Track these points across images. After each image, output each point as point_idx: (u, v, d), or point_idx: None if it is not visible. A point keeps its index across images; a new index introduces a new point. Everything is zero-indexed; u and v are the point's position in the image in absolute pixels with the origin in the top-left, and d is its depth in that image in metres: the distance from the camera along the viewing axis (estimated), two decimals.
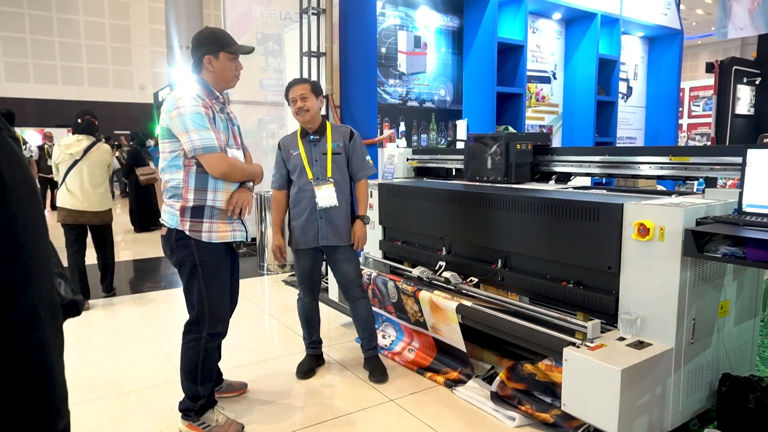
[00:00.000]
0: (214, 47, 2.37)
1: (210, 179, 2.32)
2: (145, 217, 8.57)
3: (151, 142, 10.99)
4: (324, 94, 3.02)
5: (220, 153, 2.28)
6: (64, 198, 4.33)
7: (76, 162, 4.34)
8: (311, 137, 2.96)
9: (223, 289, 2.45)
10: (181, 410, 2.47)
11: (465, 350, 3.01)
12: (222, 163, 2.29)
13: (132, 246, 7.52)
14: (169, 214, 2.36)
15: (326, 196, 2.88)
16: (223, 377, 2.87)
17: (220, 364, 2.70)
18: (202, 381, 2.43)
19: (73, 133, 4.48)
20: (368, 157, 3.06)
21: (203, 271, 2.35)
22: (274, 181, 3.07)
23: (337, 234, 2.94)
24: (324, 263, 3.35)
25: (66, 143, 4.44)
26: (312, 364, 3.15)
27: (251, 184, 2.51)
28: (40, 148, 10.01)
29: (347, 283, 3.03)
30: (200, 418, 2.45)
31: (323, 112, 3.56)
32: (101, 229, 4.57)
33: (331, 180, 2.90)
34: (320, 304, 3.24)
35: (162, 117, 2.33)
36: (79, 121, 4.47)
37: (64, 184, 4.34)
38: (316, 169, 2.92)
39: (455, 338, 3.01)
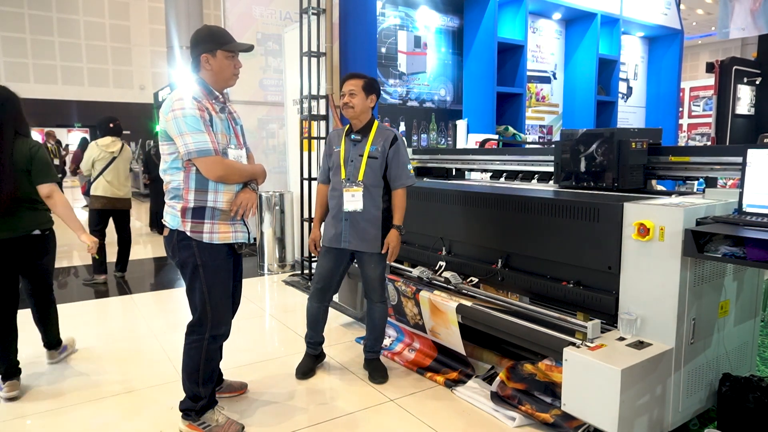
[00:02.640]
0: (212, 45, 2.35)
1: (210, 180, 2.31)
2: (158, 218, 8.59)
3: None
4: (378, 93, 2.95)
5: (215, 156, 2.25)
6: (104, 188, 5.15)
7: (113, 159, 5.19)
8: (353, 136, 2.92)
9: (226, 290, 2.44)
10: (181, 410, 2.48)
11: (464, 353, 3.01)
12: (217, 166, 2.26)
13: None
14: (171, 215, 2.34)
15: (352, 199, 2.84)
16: (224, 377, 2.87)
17: (220, 364, 2.70)
18: (204, 382, 2.42)
19: (103, 136, 5.29)
20: (409, 166, 2.95)
21: (205, 272, 2.34)
22: (319, 174, 3.10)
23: (363, 239, 2.88)
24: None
25: (104, 144, 5.22)
26: (311, 364, 3.14)
27: (255, 185, 2.49)
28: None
29: (369, 286, 3.01)
30: (200, 418, 2.45)
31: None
32: (124, 214, 5.43)
33: (361, 184, 2.84)
34: None
35: (160, 119, 2.33)
36: (111, 125, 5.32)
37: (102, 176, 5.14)
38: (349, 170, 2.88)
39: (454, 341, 3.01)
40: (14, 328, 2.90)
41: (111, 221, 5.34)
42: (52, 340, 3.27)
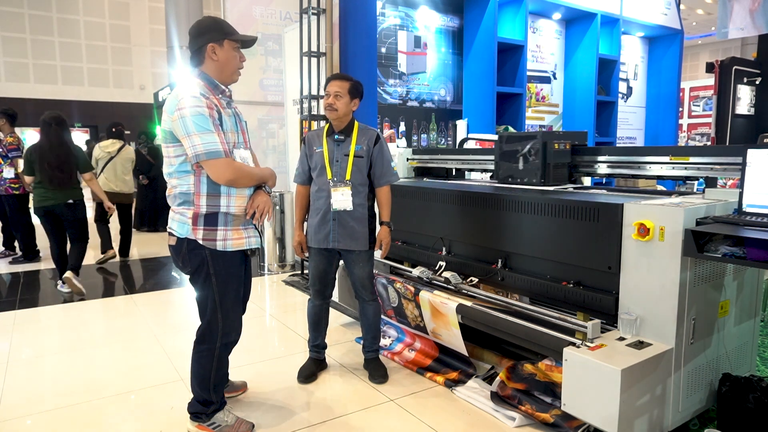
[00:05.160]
0: (219, 35, 2.20)
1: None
2: (144, 217, 8.57)
3: None
4: (361, 96, 2.97)
5: (225, 158, 2.12)
6: (103, 183, 6.00)
7: (111, 158, 6.20)
8: (336, 136, 2.91)
9: (237, 298, 2.37)
10: (190, 412, 2.44)
11: (466, 353, 3.01)
12: (227, 170, 2.13)
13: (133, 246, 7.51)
14: (179, 222, 2.21)
15: (341, 198, 2.84)
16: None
17: None
18: (215, 387, 2.39)
19: (107, 138, 6.37)
20: (393, 164, 2.99)
21: (217, 281, 2.25)
22: (297, 175, 3.05)
23: (351, 237, 2.89)
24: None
25: (104, 145, 6.29)
26: (314, 368, 3.11)
27: (268, 188, 2.37)
28: None
29: (359, 285, 3.01)
30: (210, 419, 2.42)
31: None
32: (125, 207, 6.42)
33: (349, 183, 2.85)
34: None
35: (164, 119, 2.19)
36: (114, 130, 6.42)
37: (102, 173, 6.16)
38: (335, 169, 2.87)
39: (456, 342, 3.01)
40: (65, 249, 4.92)
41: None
42: (77, 266, 4.84)
